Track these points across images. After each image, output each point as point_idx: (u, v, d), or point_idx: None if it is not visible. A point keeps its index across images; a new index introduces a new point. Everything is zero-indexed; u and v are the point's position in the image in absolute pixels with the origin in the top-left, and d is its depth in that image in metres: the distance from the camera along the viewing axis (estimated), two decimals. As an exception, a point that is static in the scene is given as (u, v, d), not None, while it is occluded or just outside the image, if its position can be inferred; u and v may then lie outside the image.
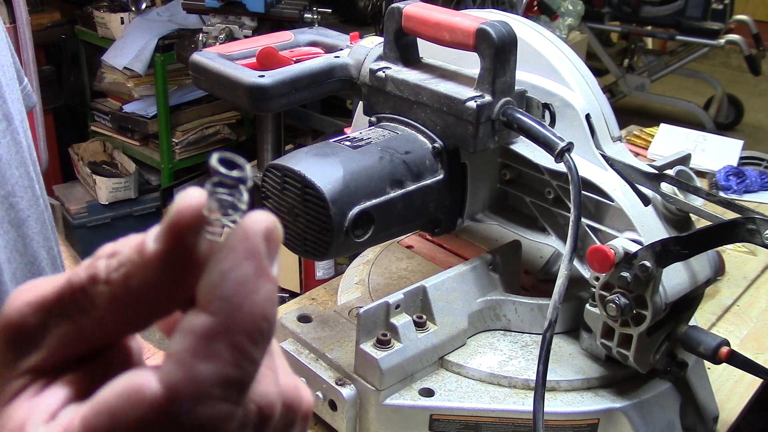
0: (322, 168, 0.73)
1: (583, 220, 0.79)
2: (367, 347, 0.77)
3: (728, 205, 0.76)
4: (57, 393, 0.28)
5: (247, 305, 0.26)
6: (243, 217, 0.27)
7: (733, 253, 1.29)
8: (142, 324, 0.29)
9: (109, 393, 0.26)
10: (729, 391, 0.97)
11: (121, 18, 2.77)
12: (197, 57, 0.91)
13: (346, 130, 0.90)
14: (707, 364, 0.88)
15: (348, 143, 0.78)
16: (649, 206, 0.78)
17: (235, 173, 0.27)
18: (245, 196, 0.28)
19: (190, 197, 0.27)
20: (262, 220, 0.27)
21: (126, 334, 0.30)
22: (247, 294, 0.26)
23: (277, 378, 0.30)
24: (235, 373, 0.26)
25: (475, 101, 0.76)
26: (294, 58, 0.92)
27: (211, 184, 0.27)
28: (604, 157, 0.81)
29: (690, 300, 0.80)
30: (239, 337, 0.26)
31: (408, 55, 0.86)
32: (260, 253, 0.27)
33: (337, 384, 0.79)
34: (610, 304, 0.74)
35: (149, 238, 0.27)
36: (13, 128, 0.73)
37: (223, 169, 0.27)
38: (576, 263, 0.80)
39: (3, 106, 0.72)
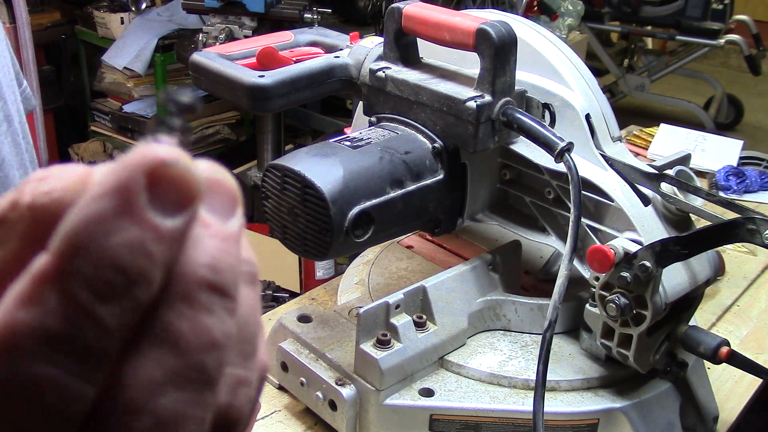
0: (322, 168, 0.73)
1: (583, 220, 0.79)
2: (367, 347, 0.77)
3: (728, 205, 0.76)
4: None
5: (94, 247, 0.21)
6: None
7: (733, 253, 1.29)
8: None
9: None
10: (729, 391, 0.97)
11: (121, 18, 2.77)
12: (197, 57, 0.91)
13: (346, 130, 0.90)
14: (707, 364, 0.88)
15: (348, 143, 0.78)
16: (649, 206, 0.78)
17: (186, 99, 0.24)
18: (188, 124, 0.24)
19: (150, 146, 0.23)
20: (155, 151, 0.22)
21: None
22: (99, 234, 0.21)
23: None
24: (61, 327, 0.20)
25: (475, 101, 0.76)
26: (294, 58, 0.92)
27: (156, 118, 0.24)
28: (604, 157, 0.81)
29: (690, 300, 0.80)
30: (75, 285, 0.21)
31: (408, 55, 0.86)
32: (132, 188, 0.21)
33: (337, 384, 0.79)
34: (610, 304, 0.74)
35: (98, 173, 0.23)
36: (13, 129, 0.74)
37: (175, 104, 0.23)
38: (576, 263, 0.80)
39: (3, 107, 0.73)
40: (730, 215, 0.73)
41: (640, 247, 0.73)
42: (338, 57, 0.91)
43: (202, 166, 0.24)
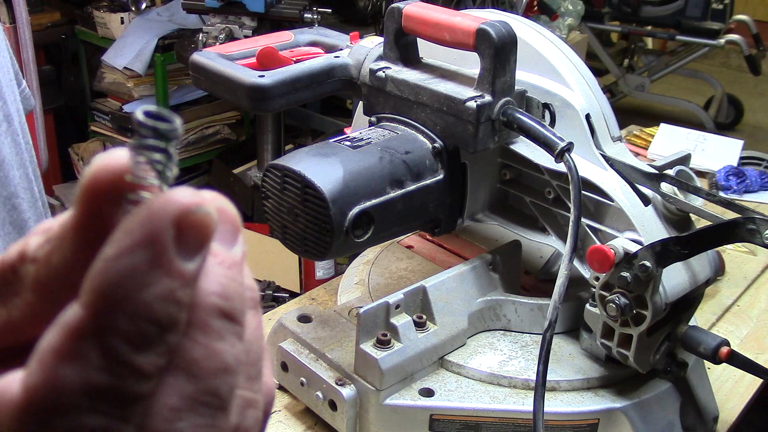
0: (322, 168, 0.73)
1: (583, 220, 0.79)
2: (367, 347, 0.77)
3: (728, 205, 0.76)
4: None
5: (131, 302, 0.21)
6: (168, 187, 0.23)
7: (733, 253, 1.29)
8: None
9: None
10: (729, 391, 0.97)
11: (121, 18, 2.77)
12: (197, 57, 0.91)
13: (346, 130, 0.90)
14: (707, 364, 0.88)
15: (348, 143, 0.78)
16: (649, 206, 0.78)
17: (163, 126, 0.23)
18: (174, 159, 0.23)
19: (109, 158, 0.23)
20: (178, 199, 0.22)
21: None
22: (134, 289, 0.21)
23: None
24: (105, 381, 0.21)
25: (475, 101, 0.76)
26: (294, 58, 0.92)
27: (135, 144, 0.23)
28: (604, 157, 0.81)
29: (690, 300, 0.80)
30: (114, 340, 0.21)
31: (408, 55, 0.86)
32: (162, 241, 0.22)
33: (337, 384, 0.79)
34: (610, 304, 0.74)
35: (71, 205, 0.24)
36: (13, 129, 0.74)
37: (150, 123, 0.23)
38: (576, 263, 0.80)
39: (3, 107, 0.73)
40: (730, 215, 0.73)
41: (640, 247, 0.73)
42: (338, 57, 0.91)
43: (208, 197, 0.24)
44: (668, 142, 1.68)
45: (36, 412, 0.22)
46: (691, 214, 0.79)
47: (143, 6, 2.79)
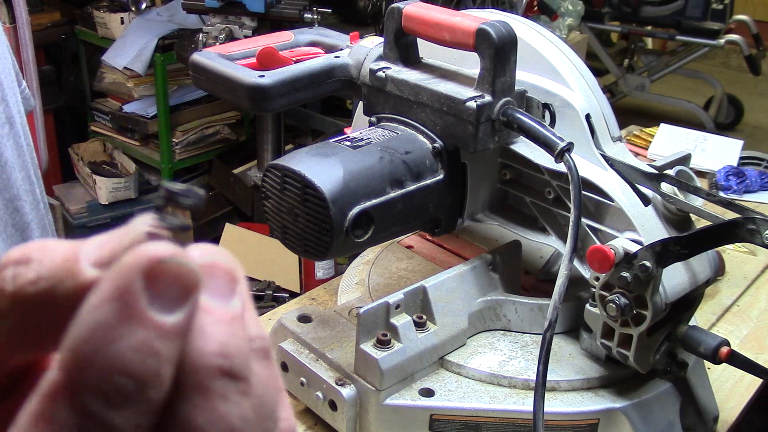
0: (322, 168, 0.73)
1: (583, 220, 0.79)
2: (367, 347, 0.77)
3: (728, 205, 0.76)
4: None
5: (100, 357, 0.20)
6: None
7: (733, 253, 1.29)
8: (58, 343, 0.24)
9: None
10: (729, 391, 0.97)
11: (121, 18, 2.77)
12: (197, 57, 0.91)
13: (346, 130, 0.90)
14: (707, 364, 0.88)
15: (348, 143, 0.78)
16: (649, 206, 0.78)
17: (189, 202, 0.23)
18: (189, 222, 0.24)
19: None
20: (147, 250, 0.22)
21: (41, 353, 0.26)
22: (103, 342, 0.21)
23: None
24: None
25: (475, 101, 0.76)
26: (294, 58, 0.92)
27: (159, 211, 0.24)
28: (604, 157, 0.81)
29: (690, 300, 0.80)
30: (86, 398, 0.20)
31: (408, 55, 0.86)
32: (130, 291, 0.21)
33: (337, 384, 0.79)
34: (610, 304, 0.74)
35: (85, 259, 0.23)
36: (15, 131, 0.74)
37: (178, 197, 0.23)
38: (576, 263, 0.80)
39: (6, 109, 0.72)
40: (730, 215, 0.73)
41: (640, 247, 0.73)
42: (338, 57, 0.91)
43: (197, 252, 0.24)
44: (668, 142, 1.68)
45: None
46: (691, 214, 0.79)
47: (143, 6, 2.79)
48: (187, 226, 0.24)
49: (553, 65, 0.83)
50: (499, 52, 0.75)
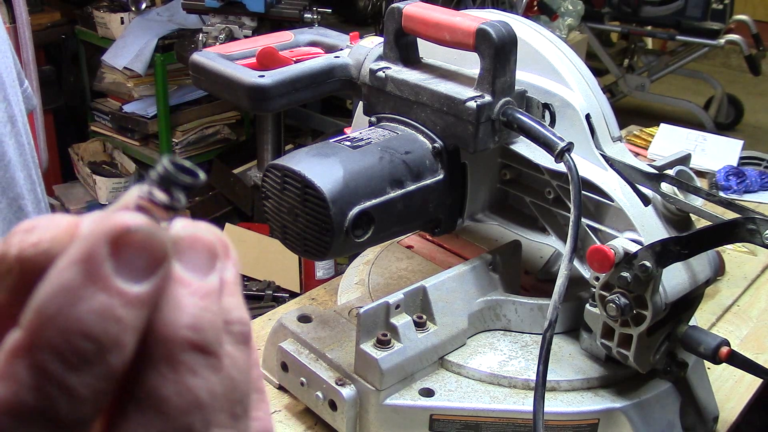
0: (322, 168, 0.73)
1: (583, 220, 0.79)
2: (367, 347, 0.77)
3: (728, 205, 0.76)
4: None
5: (61, 318, 0.21)
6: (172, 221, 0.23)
7: (733, 253, 1.29)
8: None
9: None
10: (729, 391, 0.97)
11: (121, 18, 2.77)
12: (197, 57, 0.91)
13: (346, 130, 0.90)
14: (707, 364, 0.88)
15: (348, 143, 0.78)
16: (649, 206, 0.78)
17: (187, 180, 0.23)
18: (183, 200, 0.24)
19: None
20: (115, 218, 0.22)
21: None
22: (65, 304, 0.21)
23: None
24: (32, 400, 0.20)
25: (475, 101, 0.76)
26: (294, 58, 0.92)
27: (152, 185, 0.24)
28: (604, 157, 0.81)
29: (690, 300, 0.80)
30: (44, 357, 0.20)
31: (408, 55, 0.86)
32: (95, 257, 0.21)
33: (337, 384, 0.79)
34: (610, 304, 0.74)
35: (85, 225, 0.24)
36: (17, 130, 0.74)
37: (175, 171, 0.23)
38: (576, 263, 0.80)
39: (8, 108, 0.72)
40: (730, 215, 0.73)
41: (640, 247, 0.73)
42: (338, 57, 0.91)
43: (178, 225, 0.24)
44: (668, 142, 1.68)
45: None
46: (691, 214, 0.79)
47: (143, 6, 2.79)
48: (174, 205, 0.23)
49: (553, 65, 0.83)
50: (499, 52, 0.75)
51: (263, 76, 0.84)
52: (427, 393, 0.79)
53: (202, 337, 0.23)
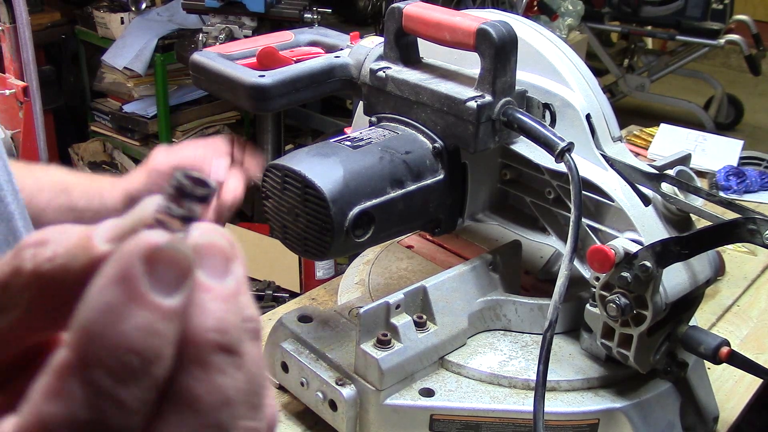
0: (322, 168, 0.73)
1: (583, 220, 0.79)
2: (368, 347, 0.77)
3: (728, 205, 0.76)
4: None
5: (108, 336, 0.22)
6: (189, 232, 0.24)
7: (733, 253, 1.29)
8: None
9: None
10: (729, 391, 0.97)
11: (121, 18, 2.77)
12: (197, 57, 0.91)
13: (346, 130, 0.90)
14: (707, 364, 0.88)
15: (348, 143, 0.78)
16: (650, 206, 0.78)
17: (201, 191, 0.25)
18: (198, 210, 0.25)
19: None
20: (146, 238, 0.23)
21: (55, 330, 0.27)
22: (111, 322, 0.22)
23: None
24: (87, 415, 0.22)
25: (476, 101, 0.76)
26: (294, 58, 0.92)
27: (169, 198, 0.25)
28: (605, 157, 0.81)
29: (690, 300, 0.80)
30: (96, 374, 0.22)
31: (408, 55, 0.86)
32: (132, 276, 0.23)
33: (337, 384, 0.79)
34: (611, 304, 0.74)
35: (98, 236, 0.25)
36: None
37: (190, 185, 0.24)
38: (576, 263, 0.80)
39: None
40: (730, 215, 0.73)
41: (641, 247, 0.73)
42: (338, 57, 0.91)
43: (197, 233, 0.25)
44: (668, 142, 1.68)
45: None
46: (691, 215, 0.79)
47: (143, 6, 2.79)
48: (190, 216, 0.25)
49: (553, 65, 0.83)
50: (499, 52, 0.75)
51: (263, 76, 0.84)
52: (428, 393, 0.79)
53: (227, 339, 0.25)
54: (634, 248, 0.73)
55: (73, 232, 0.25)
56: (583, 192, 0.72)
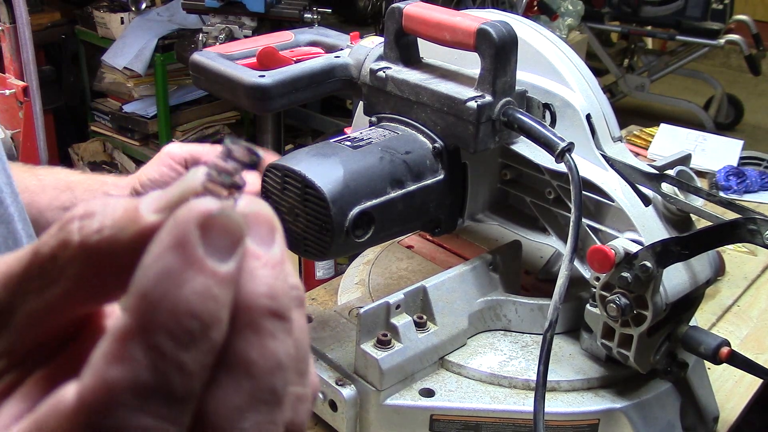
0: (322, 168, 0.73)
1: (583, 220, 0.79)
2: (368, 347, 0.77)
3: (728, 205, 0.76)
4: (11, 409, 0.26)
5: (169, 301, 0.22)
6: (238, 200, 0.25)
7: (733, 253, 1.29)
8: (118, 292, 0.26)
9: (42, 406, 0.24)
10: (729, 391, 0.97)
11: (121, 18, 2.77)
12: (197, 57, 0.91)
13: (346, 130, 0.90)
14: (707, 364, 0.88)
15: (348, 143, 0.78)
16: (650, 206, 0.78)
17: (251, 159, 0.25)
18: (245, 179, 0.26)
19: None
20: (199, 205, 0.24)
21: (100, 302, 0.28)
22: (170, 287, 0.23)
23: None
24: (151, 378, 0.22)
25: (476, 101, 0.76)
26: (294, 58, 0.92)
27: (216, 167, 0.25)
28: (605, 157, 0.81)
29: (690, 300, 0.80)
30: (158, 338, 0.22)
31: (408, 55, 0.86)
32: (189, 242, 0.23)
33: (337, 384, 0.79)
34: (611, 305, 0.74)
35: (145, 207, 0.25)
36: None
37: (239, 150, 0.25)
38: (576, 263, 0.80)
39: None
40: (730, 215, 0.73)
41: (641, 247, 0.73)
42: (338, 57, 0.91)
43: (242, 203, 0.25)
44: (668, 142, 1.68)
45: (87, 414, 0.22)
46: (691, 215, 0.79)
47: (143, 6, 2.79)
48: (238, 183, 0.25)
49: (553, 65, 0.83)
50: (499, 52, 0.75)
51: (263, 76, 0.84)
52: (428, 393, 0.79)
53: (278, 304, 0.25)
54: (634, 248, 0.73)
55: (119, 204, 0.25)
56: (583, 192, 0.72)
